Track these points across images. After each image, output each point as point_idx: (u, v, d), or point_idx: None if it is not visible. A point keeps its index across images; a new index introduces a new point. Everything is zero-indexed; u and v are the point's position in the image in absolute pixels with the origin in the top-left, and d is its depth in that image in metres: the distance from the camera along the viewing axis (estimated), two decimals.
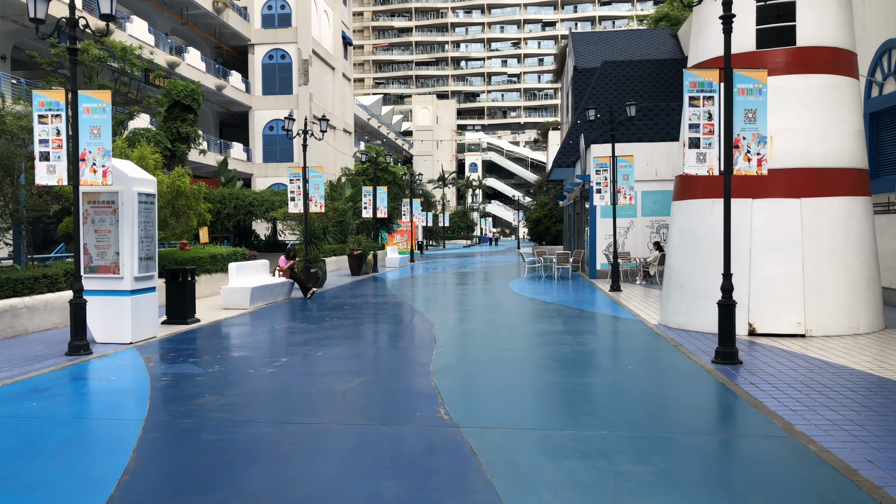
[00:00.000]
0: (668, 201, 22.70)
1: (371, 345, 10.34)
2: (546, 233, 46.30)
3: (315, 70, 51.18)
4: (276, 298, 16.59)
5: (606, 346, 9.93)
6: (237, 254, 19.46)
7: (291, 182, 19.63)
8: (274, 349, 9.91)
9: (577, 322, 12.50)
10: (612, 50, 33.48)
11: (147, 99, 31.52)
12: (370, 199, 28.33)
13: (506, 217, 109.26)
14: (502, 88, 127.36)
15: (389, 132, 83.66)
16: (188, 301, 12.68)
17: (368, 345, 10.33)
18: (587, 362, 8.73)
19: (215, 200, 33.22)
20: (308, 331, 11.72)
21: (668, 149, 22.91)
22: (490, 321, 12.70)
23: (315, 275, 19.95)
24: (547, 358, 9.03)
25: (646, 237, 23.14)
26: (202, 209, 16.09)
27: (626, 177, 18.63)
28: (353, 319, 13.16)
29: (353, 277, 25.12)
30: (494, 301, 16.35)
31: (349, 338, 10.93)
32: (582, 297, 17.06)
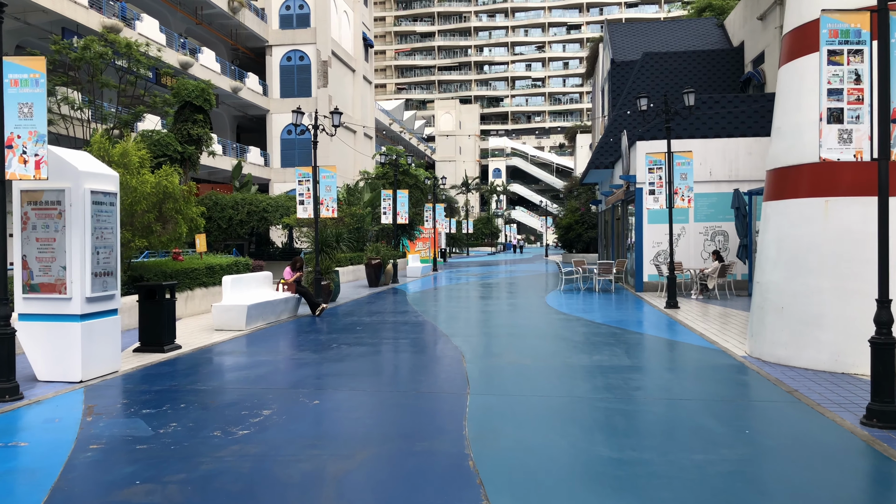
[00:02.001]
0: (725, 205, 20.14)
1: (385, 387, 7.98)
2: (577, 240, 43.68)
3: (334, 72, 49.24)
4: (278, 317, 14.33)
5: (697, 392, 7.47)
6: (238, 264, 17.26)
7: (300, 183, 17.40)
8: (258, 393, 7.58)
9: (643, 352, 10.06)
10: (652, 41, 30.96)
11: (153, 99, 29.58)
12: (390, 204, 26.06)
13: (531, 223, 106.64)
14: (526, 93, 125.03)
15: (411, 137, 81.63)
16: (166, 324, 10.43)
17: (381, 387, 7.97)
18: (684, 422, 6.30)
19: (227, 206, 31.26)
20: (307, 363, 9.39)
21: (724, 145, 20.35)
22: (532, 350, 10.29)
23: (327, 288, 17.68)
24: (623, 414, 6.60)
25: (699, 245, 20.57)
26: (194, 213, 13.89)
27: (683, 175, 16.13)
28: (365, 346, 10.82)
29: (371, 289, 22.84)
30: (532, 321, 13.93)
31: (357, 375, 8.59)
32: (635, 316, 14.58)
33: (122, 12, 32.86)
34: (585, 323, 13.43)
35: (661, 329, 12.52)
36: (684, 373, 8.48)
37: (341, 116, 19.45)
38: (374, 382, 8.16)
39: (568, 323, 13.50)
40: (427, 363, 9.38)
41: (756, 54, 25.61)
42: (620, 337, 11.52)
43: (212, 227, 30.90)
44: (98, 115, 28.36)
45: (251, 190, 35.75)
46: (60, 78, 26.20)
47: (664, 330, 12.39)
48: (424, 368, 9.01)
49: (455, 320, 14.25)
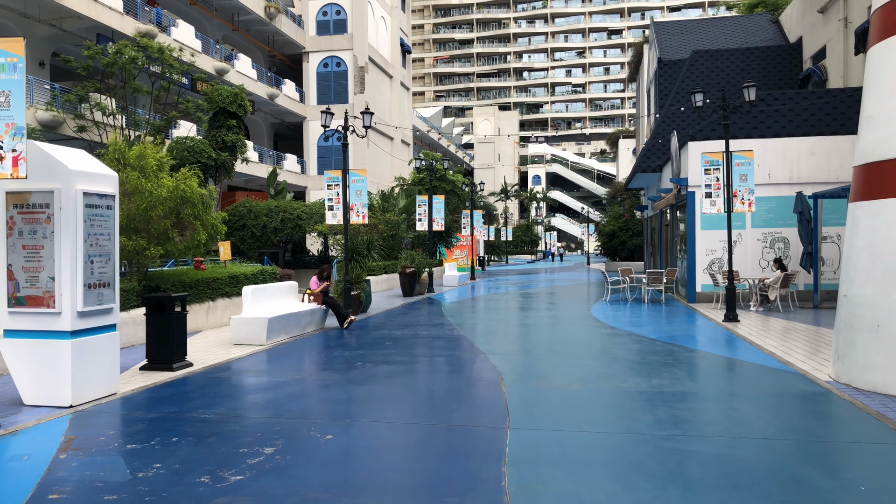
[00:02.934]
0: (785, 209, 18.62)
1: (411, 417, 6.88)
2: (621, 247, 42.11)
3: (371, 78, 48.62)
4: (304, 330, 13.36)
5: (784, 429, 6.19)
6: (265, 273, 16.38)
7: (329, 188, 16.46)
8: (265, 424, 6.56)
9: (707, 374, 8.77)
10: (701, 40, 29.45)
11: (185, 104, 29.10)
12: (425, 210, 25.04)
13: (571, 231, 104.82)
14: (566, 99, 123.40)
15: (450, 144, 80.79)
16: (176, 339, 9.51)
17: (407, 416, 6.87)
18: (776, 471, 5.05)
19: (261, 213, 30.67)
20: (325, 386, 8.34)
21: (784, 145, 18.84)
22: (580, 371, 9.08)
23: (357, 298, 16.70)
24: (699, 459, 5.38)
25: (757, 253, 19.07)
26: (214, 220, 13.01)
27: (743, 177, 14.75)
28: (393, 365, 9.74)
29: (405, 299, 21.81)
30: (578, 336, 12.70)
31: (380, 401, 7.51)
32: (692, 331, 13.24)
33: (157, 18, 32.58)
34: (637, 339, 12.16)
35: (724, 346, 11.18)
36: (762, 402, 7.19)
37: (373, 118, 18.50)
38: (399, 411, 7.06)
39: (617, 338, 12.24)
40: (461, 387, 8.24)
41: (816, 50, 23.99)
42: (679, 356, 10.24)
43: (245, 235, 30.34)
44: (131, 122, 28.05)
45: (286, 197, 35.18)
46: (94, 84, 25.86)
47: (727, 347, 11.06)
48: (458, 394, 7.87)
49: (493, 335, 13.09)
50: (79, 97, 25.07)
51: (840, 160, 18.58)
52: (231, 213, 30.60)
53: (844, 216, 19.20)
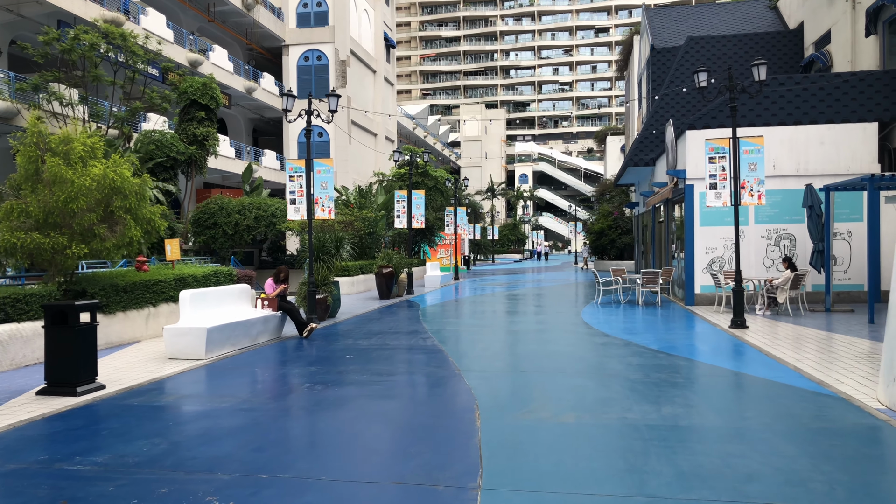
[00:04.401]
0: (791, 203, 17.13)
1: (352, 470, 5.21)
2: (611, 246, 40.56)
3: (354, 72, 46.89)
4: (255, 340, 11.65)
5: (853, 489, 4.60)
6: (220, 275, 14.65)
7: (291, 179, 14.75)
8: (149, 484, 4.88)
9: (730, 399, 7.16)
10: (696, 27, 27.96)
11: (150, 94, 27.28)
12: (404, 206, 23.35)
13: (559, 230, 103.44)
14: (553, 97, 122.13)
15: (436, 142, 79.09)
16: (82, 357, 7.80)
17: (347, 469, 5.20)
18: None
19: (234, 211, 28.93)
20: (256, 419, 6.66)
21: (791, 134, 17.33)
22: (575, 395, 7.45)
23: (323, 302, 15.01)
24: None
25: (761, 251, 17.54)
26: (151, 213, 11.28)
27: (752, 166, 13.18)
28: (348, 387, 8.08)
29: (382, 302, 20.14)
30: (569, 347, 11.08)
31: (318, 443, 5.84)
32: (697, 340, 11.65)
33: (124, 5, 30.67)
34: (637, 349, 10.56)
35: (738, 359, 9.60)
36: (812, 443, 5.58)
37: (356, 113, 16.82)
38: (339, 459, 5.39)
39: (615, 349, 10.63)
40: (425, 420, 6.59)
41: (819, 35, 22.53)
42: (688, 372, 8.64)
43: (217, 234, 28.62)
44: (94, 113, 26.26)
45: (262, 194, 33.41)
46: (54, 73, 24.03)
47: (742, 361, 9.48)
48: (420, 431, 6.22)
49: (472, 345, 11.45)
50: (34, 86, 23.21)
51: (851, 150, 17.10)
52: (201, 210, 28.86)
53: (857, 211, 17.77)
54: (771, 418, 6.35)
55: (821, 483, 4.64)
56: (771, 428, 6.01)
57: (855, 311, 15.27)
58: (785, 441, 5.62)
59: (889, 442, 5.63)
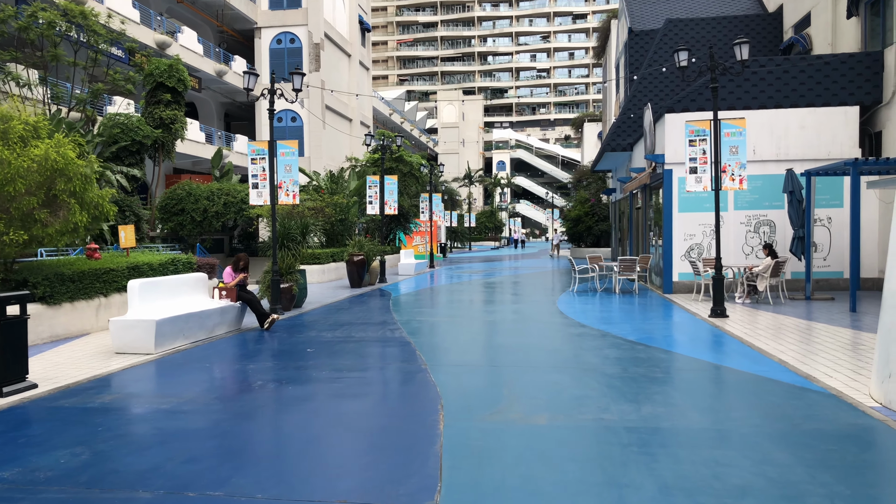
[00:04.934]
0: (771, 189, 16.74)
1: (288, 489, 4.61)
2: (587, 233, 40.16)
3: (328, 56, 45.91)
4: (211, 332, 10.97)
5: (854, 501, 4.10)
6: (178, 263, 13.90)
7: (253, 162, 14.01)
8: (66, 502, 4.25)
9: (714, 397, 6.64)
10: (675, 9, 27.47)
11: (112, 75, 26.28)
12: (377, 192, 22.66)
13: (536, 217, 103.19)
14: (531, 84, 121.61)
15: (413, 128, 78.23)
16: (9, 353, 7.10)
17: (283, 486, 4.60)
18: None
19: (202, 197, 28.06)
20: (196, 423, 6.03)
21: (771, 118, 16.91)
22: (549, 392, 6.91)
23: (288, 291, 14.34)
24: None
25: (740, 238, 17.15)
26: (99, 198, 10.52)
27: (734, 149, 12.70)
28: (306, 385, 7.47)
29: (352, 291, 19.50)
30: (543, 339, 10.55)
31: (259, 453, 5.23)
32: (677, 330, 11.18)
33: None
34: (614, 341, 10.05)
35: (720, 351, 9.13)
36: (806, 448, 5.08)
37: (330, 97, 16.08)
38: (276, 475, 4.77)
39: (591, 341, 10.11)
40: (384, 423, 5.99)
41: (799, 18, 22.14)
42: (668, 366, 8.14)
43: (184, 220, 27.75)
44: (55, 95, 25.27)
45: (232, 179, 32.52)
46: (11, 53, 22.98)
47: (724, 353, 9.00)
48: (377, 436, 5.62)
49: (442, 337, 10.88)
50: None
51: (832, 134, 16.72)
52: (168, 196, 27.98)
53: (837, 196, 17.42)
54: (760, 418, 5.84)
55: (821, 498, 4.12)
56: (760, 430, 5.50)
57: (835, 300, 14.94)
58: (777, 446, 5.11)
59: (890, 446, 5.15)
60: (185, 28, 36.68)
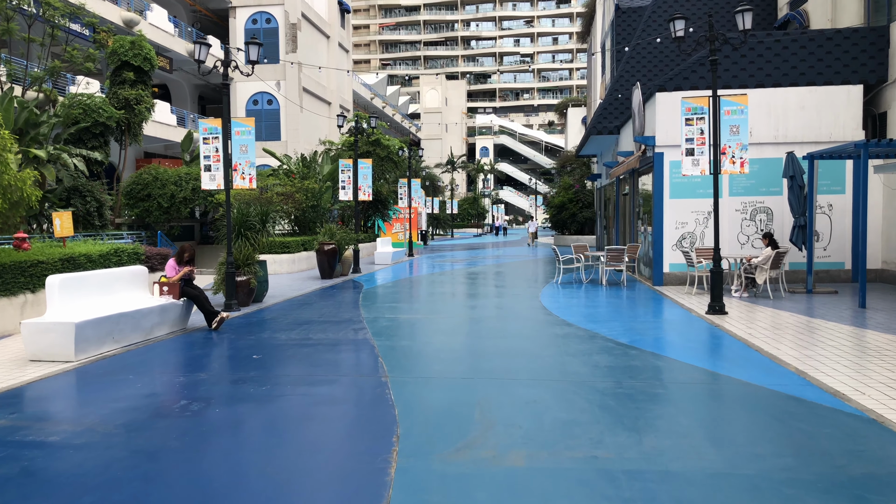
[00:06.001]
0: (769, 174, 15.65)
1: None
2: (571, 220, 39.05)
3: (305, 37, 44.33)
4: (149, 334, 9.66)
5: None
6: (122, 254, 12.55)
7: (206, 142, 12.64)
8: None
9: (730, 423, 5.44)
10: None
11: (70, 51, 24.73)
12: (349, 177, 21.32)
13: (519, 204, 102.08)
14: (515, 69, 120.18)
15: (395, 113, 76.60)
16: None
17: None
18: None
19: (169, 182, 26.60)
20: (76, 472, 4.77)
21: (768, 98, 15.78)
22: (529, 418, 5.71)
23: (245, 285, 13.03)
24: None
25: (735, 226, 16.05)
26: (17, 181, 9.16)
27: (734, 129, 11.53)
28: (239, 405, 6.21)
29: (322, 282, 18.21)
30: (525, 341, 9.36)
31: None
32: (674, 331, 10.02)
33: None
34: (604, 344, 8.87)
35: (726, 358, 7.98)
36: (860, 501, 3.92)
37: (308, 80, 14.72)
38: None
39: (578, 343, 8.93)
40: (319, 467, 4.75)
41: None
42: (669, 377, 6.98)
43: (151, 207, 26.35)
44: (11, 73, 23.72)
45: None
46: None
47: (731, 360, 7.85)
48: (304, 489, 4.40)
49: (411, 340, 9.65)
50: None
51: (834, 115, 15.62)
52: (134, 181, 26.52)
53: (839, 182, 16.30)
54: (792, 457, 4.67)
55: None
56: (797, 476, 4.32)
57: (839, 293, 13.88)
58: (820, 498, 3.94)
59: None
60: (154, 6, 35.01)
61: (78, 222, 23.18)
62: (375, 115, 65.77)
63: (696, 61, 16.12)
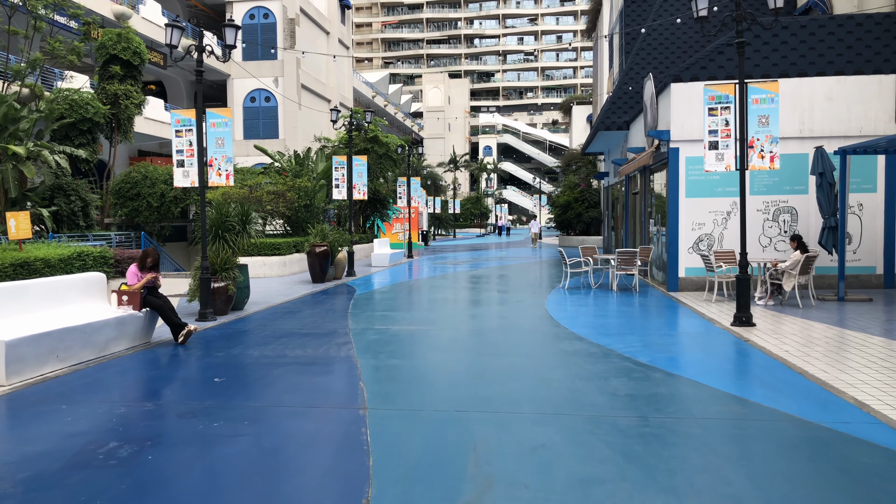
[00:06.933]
0: (794, 171, 14.45)
1: None
2: (577, 220, 37.81)
3: (304, 32, 43.21)
4: (103, 351, 8.50)
5: None
6: (87, 258, 11.40)
7: (178, 134, 11.49)
8: None
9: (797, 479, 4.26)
10: None
11: (53, 43, 23.61)
12: (343, 174, 20.14)
13: (523, 203, 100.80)
14: (518, 67, 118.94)
15: (397, 112, 75.46)
16: None
17: None
18: None
19: (159, 180, 25.51)
20: None
21: (793, 88, 14.56)
22: (535, 472, 4.53)
23: (223, 292, 11.87)
24: None
25: (756, 228, 14.84)
26: None
27: (763, 120, 10.32)
28: (179, 450, 5.04)
29: (314, 286, 17.04)
30: (529, 359, 8.18)
31: None
32: (699, 347, 8.83)
33: None
34: (622, 364, 7.69)
35: (766, 382, 6.79)
36: None
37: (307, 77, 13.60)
38: None
39: (592, 364, 7.75)
40: None
41: None
42: (705, 410, 5.79)
43: (140, 206, 25.28)
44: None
45: None
46: None
47: (772, 386, 6.66)
48: None
49: (400, 357, 8.48)
50: None
51: (864, 107, 14.41)
52: (123, 179, 25.46)
53: (870, 179, 14.99)
54: None
55: None
56: None
57: (873, 301, 12.68)
58: None
59: None
60: (148, 0, 33.90)
61: (62, 222, 22.09)
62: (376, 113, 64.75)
63: (715, 49, 14.92)
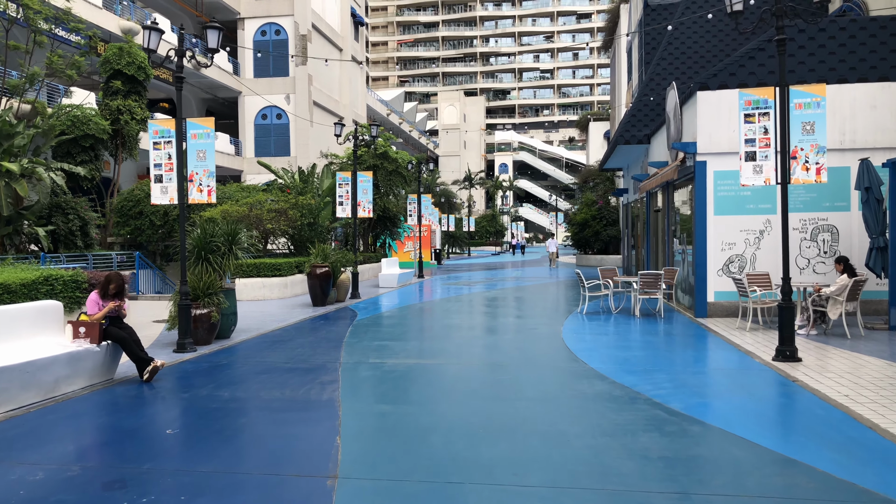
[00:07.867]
0: (835, 185, 13.21)
1: None
2: (595, 238, 36.56)
3: (316, 48, 42.55)
4: (51, 392, 7.38)
5: None
6: (56, 282, 10.34)
7: (156, 147, 10.46)
8: None
9: None
10: None
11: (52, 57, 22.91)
12: (347, 191, 19.08)
13: (539, 221, 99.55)
14: (534, 85, 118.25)
15: (412, 129, 74.71)
16: None
17: None
18: None
19: None
20: None
21: (833, 95, 13.30)
22: None
23: (206, 319, 10.77)
24: None
25: (794, 247, 13.53)
26: None
27: (808, 127, 9.09)
28: None
29: (313, 310, 15.93)
30: (542, 407, 6.96)
31: None
32: (741, 389, 7.54)
33: None
34: (652, 413, 6.46)
35: (832, 441, 5.53)
36: None
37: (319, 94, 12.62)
38: None
39: (617, 414, 6.53)
40: None
41: None
42: (762, 485, 4.54)
43: (143, 225, 24.42)
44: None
45: None
46: None
47: (842, 447, 5.41)
48: None
49: (389, 402, 7.30)
50: None
51: None
52: (126, 197, 24.63)
53: None
54: None
55: None
56: None
57: None
58: None
59: None
60: (156, 15, 33.26)
61: (59, 242, 21.24)
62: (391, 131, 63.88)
63: (745, 54, 13.75)
